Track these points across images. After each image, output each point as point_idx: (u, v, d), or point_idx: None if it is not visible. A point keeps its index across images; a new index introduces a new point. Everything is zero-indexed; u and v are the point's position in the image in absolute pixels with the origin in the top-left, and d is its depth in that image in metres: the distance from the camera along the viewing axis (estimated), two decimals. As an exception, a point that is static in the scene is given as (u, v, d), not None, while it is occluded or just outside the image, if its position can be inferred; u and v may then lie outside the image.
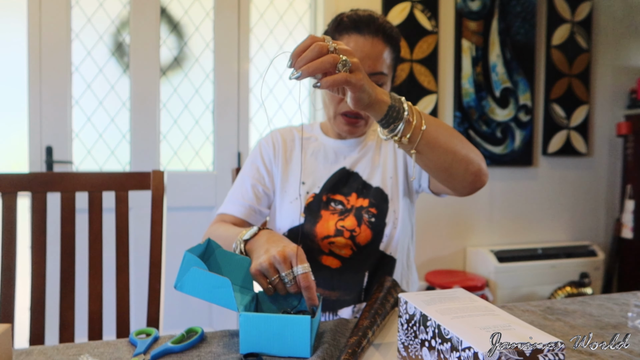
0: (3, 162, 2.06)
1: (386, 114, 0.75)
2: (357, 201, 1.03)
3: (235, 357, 0.67)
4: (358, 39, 0.97)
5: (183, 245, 2.11)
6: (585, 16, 2.89)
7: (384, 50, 0.99)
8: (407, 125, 0.76)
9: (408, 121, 0.76)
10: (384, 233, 1.03)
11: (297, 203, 1.04)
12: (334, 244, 1.01)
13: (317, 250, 1.01)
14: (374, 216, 1.02)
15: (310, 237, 1.01)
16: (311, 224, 1.01)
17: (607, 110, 3.03)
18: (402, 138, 0.76)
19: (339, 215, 1.02)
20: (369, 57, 0.97)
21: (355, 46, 0.97)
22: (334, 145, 1.10)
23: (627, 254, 2.86)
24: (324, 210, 1.02)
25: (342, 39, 0.99)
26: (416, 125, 0.76)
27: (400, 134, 0.76)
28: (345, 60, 0.68)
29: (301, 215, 1.02)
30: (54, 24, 2.04)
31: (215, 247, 0.79)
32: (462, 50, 2.64)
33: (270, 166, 1.09)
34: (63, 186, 1.05)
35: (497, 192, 2.80)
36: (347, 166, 1.07)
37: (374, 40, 0.97)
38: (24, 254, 1.13)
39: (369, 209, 1.03)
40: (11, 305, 0.99)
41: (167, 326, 1.94)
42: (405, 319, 0.63)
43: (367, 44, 0.97)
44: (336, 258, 1.01)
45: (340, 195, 1.04)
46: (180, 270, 0.70)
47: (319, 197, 1.04)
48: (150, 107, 2.20)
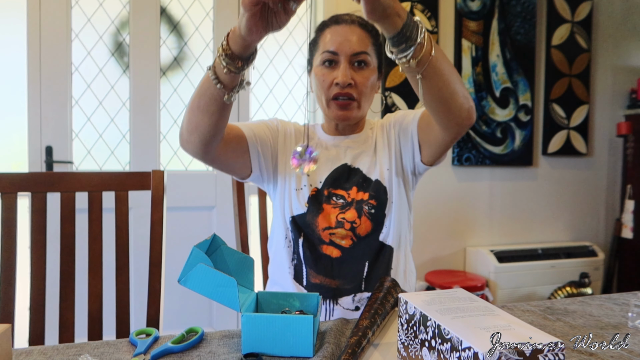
0: (3, 162, 2.06)
1: (400, 31, 0.74)
2: (357, 195, 1.06)
3: (235, 357, 0.67)
4: (337, 28, 1.05)
5: (183, 245, 2.10)
6: (585, 16, 2.89)
7: (362, 34, 1.04)
8: (418, 48, 0.75)
9: (420, 44, 0.75)
10: (383, 224, 1.05)
11: (302, 193, 1.06)
12: (335, 235, 1.03)
13: (317, 239, 1.04)
14: (373, 207, 1.05)
15: (311, 227, 1.04)
16: (313, 215, 1.04)
17: (607, 110, 3.03)
18: (411, 60, 0.76)
19: (340, 209, 1.04)
20: (347, 40, 1.03)
21: (334, 33, 1.05)
22: (334, 142, 1.12)
23: (627, 254, 2.86)
24: (326, 204, 1.05)
25: (325, 33, 1.06)
26: (427, 49, 0.76)
27: (410, 56, 0.76)
28: None
29: (304, 205, 1.05)
30: (54, 23, 2.04)
31: (220, 243, 0.80)
32: (462, 50, 2.64)
33: (275, 139, 1.11)
34: (63, 186, 1.05)
35: (497, 192, 2.80)
36: (349, 162, 1.10)
37: (351, 26, 1.05)
38: (24, 254, 1.12)
39: (368, 201, 1.05)
40: (11, 305, 0.99)
41: (167, 326, 1.93)
42: (405, 319, 0.63)
43: (345, 29, 1.04)
44: (336, 248, 1.03)
45: (341, 190, 1.07)
46: (186, 265, 0.70)
47: (320, 192, 1.06)
48: (150, 107, 2.20)
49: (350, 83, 1.02)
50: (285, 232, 1.07)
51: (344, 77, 1.01)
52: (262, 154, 1.07)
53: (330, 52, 1.04)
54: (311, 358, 0.66)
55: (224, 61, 0.77)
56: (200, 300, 2.25)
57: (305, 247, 1.04)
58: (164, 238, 1.10)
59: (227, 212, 2.30)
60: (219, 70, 0.80)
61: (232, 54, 0.77)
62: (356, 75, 1.04)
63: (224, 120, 0.89)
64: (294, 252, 1.06)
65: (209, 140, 0.91)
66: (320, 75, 1.06)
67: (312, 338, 0.66)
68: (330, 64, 1.05)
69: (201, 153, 0.94)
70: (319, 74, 1.06)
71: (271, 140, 1.10)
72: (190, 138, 0.91)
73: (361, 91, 1.04)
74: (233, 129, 1.02)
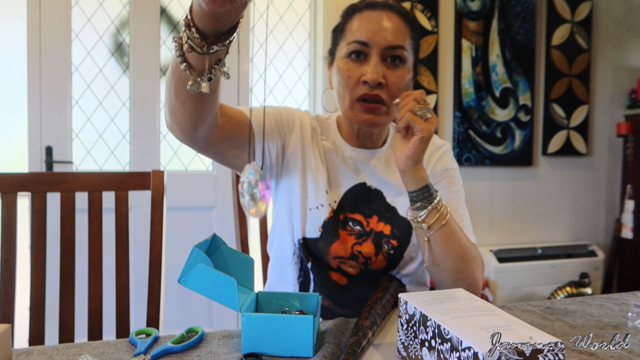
0: (3, 162, 2.06)
1: (421, 188, 0.81)
2: (377, 225, 0.94)
3: (235, 357, 0.67)
4: (370, 14, 0.89)
5: (183, 245, 2.10)
6: (585, 16, 2.89)
7: (400, 24, 0.89)
8: (432, 212, 0.82)
9: (435, 208, 0.82)
10: (398, 265, 0.96)
11: (317, 214, 0.93)
12: (345, 264, 0.94)
13: (326, 265, 0.95)
14: (393, 248, 0.94)
15: (321, 252, 0.94)
16: (327, 242, 0.93)
17: (607, 110, 3.03)
18: (423, 223, 0.82)
19: (356, 237, 0.93)
20: (382, 29, 0.86)
21: (366, 19, 0.88)
22: (353, 153, 0.98)
23: (627, 254, 2.86)
24: (342, 230, 0.93)
25: (354, 19, 0.90)
26: (439, 217, 0.82)
27: (423, 217, 0.82)
28: (423, 107, 0.80)
29: (318, 230, 0.93)
30: (54, 23, 2.04)
31: (220, 243, 0.80)
32: (462, 50, 2.64)
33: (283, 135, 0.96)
34: (63, 186, 1.05)
35: (497, 192, 2.80)
36: (368, 182, 0.97)
37: (388, 13, 0.88)
38: (24, 254, 1.12)
39: (390, 240, 0.94)
40: (11, 305, 0.99)
41: (167, 326, 1.93)
42: (405, 319, 0.63)
43: (379, 16, 0.88)
44: (344, 275, 0.95)
45: (359, 214, 0.95)
46: (186, 265, 0.70)
47: (336, 215, 0.94)
48: (150, 107, 2.20)
49: (381, 82, 0.86)
50: (293, 248, 0.96)
51: (374, 75, 0.85)
52: (268, 150, 0.93)
53: (360, 42, 0.87)
54: (311, 358, 0.66)
55: (186, 34, 0.59)
56: (200, 300, 2.25)
57: (315, 272, 0.94)
58: (164, 238, 1.09)
59: (227, 212, 2.30)
60: (184, 45, 0.61)
61: (196, 28, 0.59)
62: (389, 73, 0.87)
63: (203, 111, 0.73)
64: (301, 269, 0.96)
65: (188, 129, 0.76)
66: (345, 70, 0.88)
67: (312, 338, 0.66)
68: (358, 57, 0.88)
69: (185, 141, 0.81)
70: (344, 68, 0.89)
71: (283, 135, 0.95)
72: (170, 123, 0.78)
73: (393, 93, 0.88)
74: (234, 116, 0.85)
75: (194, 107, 0.72)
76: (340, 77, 0.89)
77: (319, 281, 0.94)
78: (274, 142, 0.93)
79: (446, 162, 1.01)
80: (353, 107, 0.89)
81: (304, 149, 0.96)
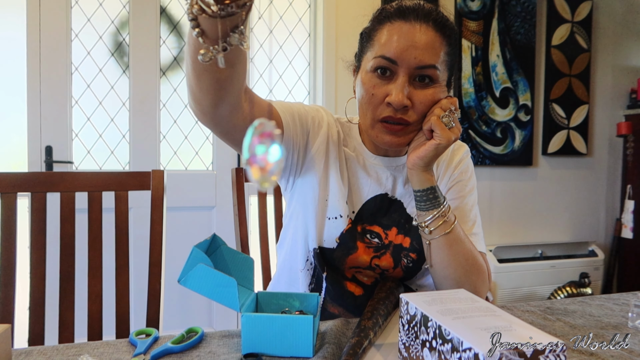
0: (3, 162, 2.06)
1: (427, 189, 0.81)
2: (396, 238, 0.91)
3: (235, 357, 0.67)
4: (402, 25, 0.79)
5: (183, 245, 2.10)
6: (585, 16, 2.89)
7: (435, 40, 0.79)
8: (438, 217, 0.81)
9: (441, 215, 0.81)
10: (415, 276, 0.95)
11: (335, 224, 0.90)
12: (361, 274, 0.92)
13: (341, 275, 0.92)
14: (412, 261, 0.91)
15: (337, 262, 0.91)
16: (343, 254, 0.90)
17: (607, 110, 3.03)
18: (426, 228, 0.82)
19: (374, 251, 0.91)
20: (414, 46, 0.78)
21: (396, 32, 0.79)
22: (375, 161, 0.93)
23: (627, 254, 2.86)
24: (360, 242, 0.90)
25: (384, 28, 0.81)
26: (443, 224, 0.81)
27: (428, 222, 0.81)
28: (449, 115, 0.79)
29: (335, 241, 0.90)
30: (54, 23, 2.04)
31: (220, 243, 0.79)
32: (462, 50, 2.64)
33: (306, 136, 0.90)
34: (63, 186, 1.05)
35: (497, 192, 2.80)
36: (390, 192, 0.93)
37: (422, 26, 0.79)
38: (23, 254, 1.12)
39: (409, 254, 0.91)
40: (11, 306, 0.99)
41: (167, 326, 1.93)
42: (406, 319, 0.63)
43: (412, 30, 0.79)
44: (359, 285, 0.93)
45: (378, 226, 0.92)
46: (186, 265, 0.70)
47: (354, 227, 0.91)
48: (150, 107, 2.20)
49: (406, 105, 0.79)
50: (306, 255, 0.92)
51: (399, 97, 0.78)
52: (293, 149, 0.87)
53: (387, 59, 0.79)
54: (311, 358, 0.66)
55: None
56: (200, 300, 2.25)
57: (329, 281, 0.91)
58: (164, 238, 1.09)
59: (227, 212, 2.30)
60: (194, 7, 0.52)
61: None
62: (416, 94, 0.80)
63: (221, 88, 0.66)
64: (313, 275, 0.93)
65: (207, 109, 0.70)
66: (369, 86, 0.81)
67: (312, 338, 0.66)
68: (384, 74, 0.80)
69: (206, 123, 0.74)
70: (368, 84, 0.82)
71: (306, 136, 0.89)
72: (190, 101, 0.72)
73: (420, 112, 0.81)
74: (261, 104, 0.80)
75: (211, 84, 0.66)
76: (364, 92, 0.83)
77: (333, 291, 0.91)
78: (296, 142, 0.87)
79: (465, 166, 0.98)
80: (374, 126, 0.83)
81: (327, 156, 0.91)
